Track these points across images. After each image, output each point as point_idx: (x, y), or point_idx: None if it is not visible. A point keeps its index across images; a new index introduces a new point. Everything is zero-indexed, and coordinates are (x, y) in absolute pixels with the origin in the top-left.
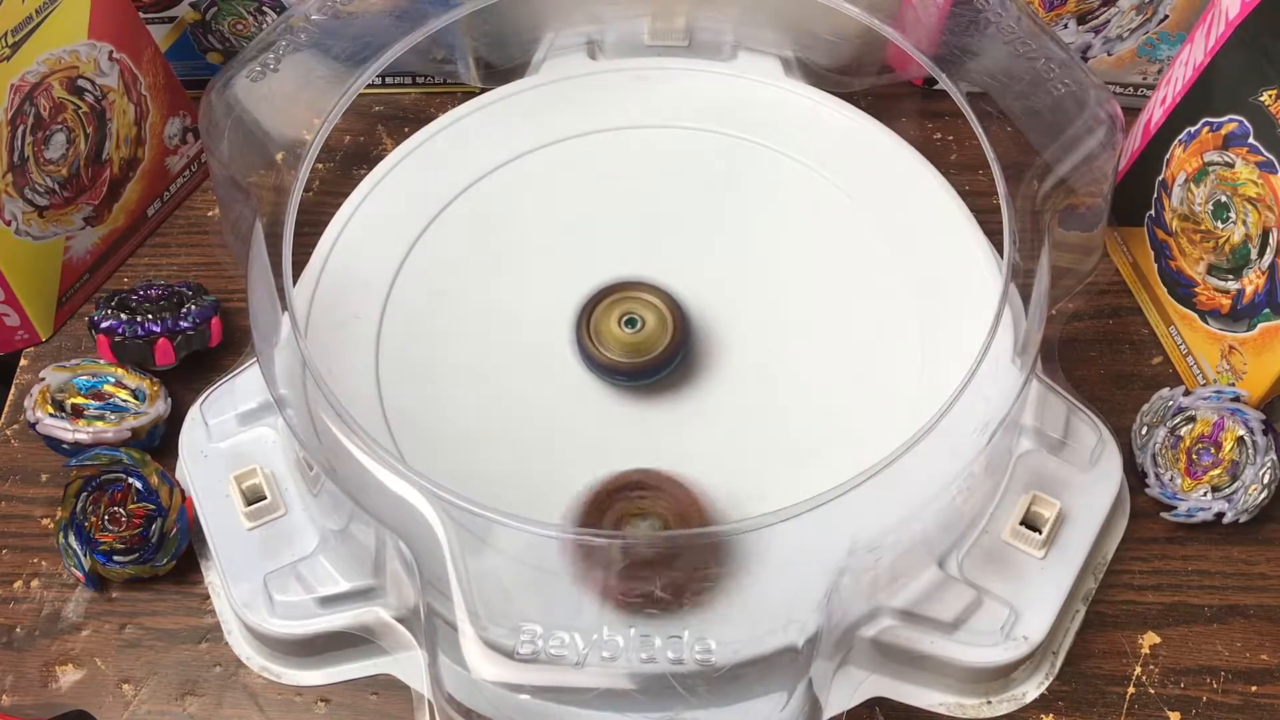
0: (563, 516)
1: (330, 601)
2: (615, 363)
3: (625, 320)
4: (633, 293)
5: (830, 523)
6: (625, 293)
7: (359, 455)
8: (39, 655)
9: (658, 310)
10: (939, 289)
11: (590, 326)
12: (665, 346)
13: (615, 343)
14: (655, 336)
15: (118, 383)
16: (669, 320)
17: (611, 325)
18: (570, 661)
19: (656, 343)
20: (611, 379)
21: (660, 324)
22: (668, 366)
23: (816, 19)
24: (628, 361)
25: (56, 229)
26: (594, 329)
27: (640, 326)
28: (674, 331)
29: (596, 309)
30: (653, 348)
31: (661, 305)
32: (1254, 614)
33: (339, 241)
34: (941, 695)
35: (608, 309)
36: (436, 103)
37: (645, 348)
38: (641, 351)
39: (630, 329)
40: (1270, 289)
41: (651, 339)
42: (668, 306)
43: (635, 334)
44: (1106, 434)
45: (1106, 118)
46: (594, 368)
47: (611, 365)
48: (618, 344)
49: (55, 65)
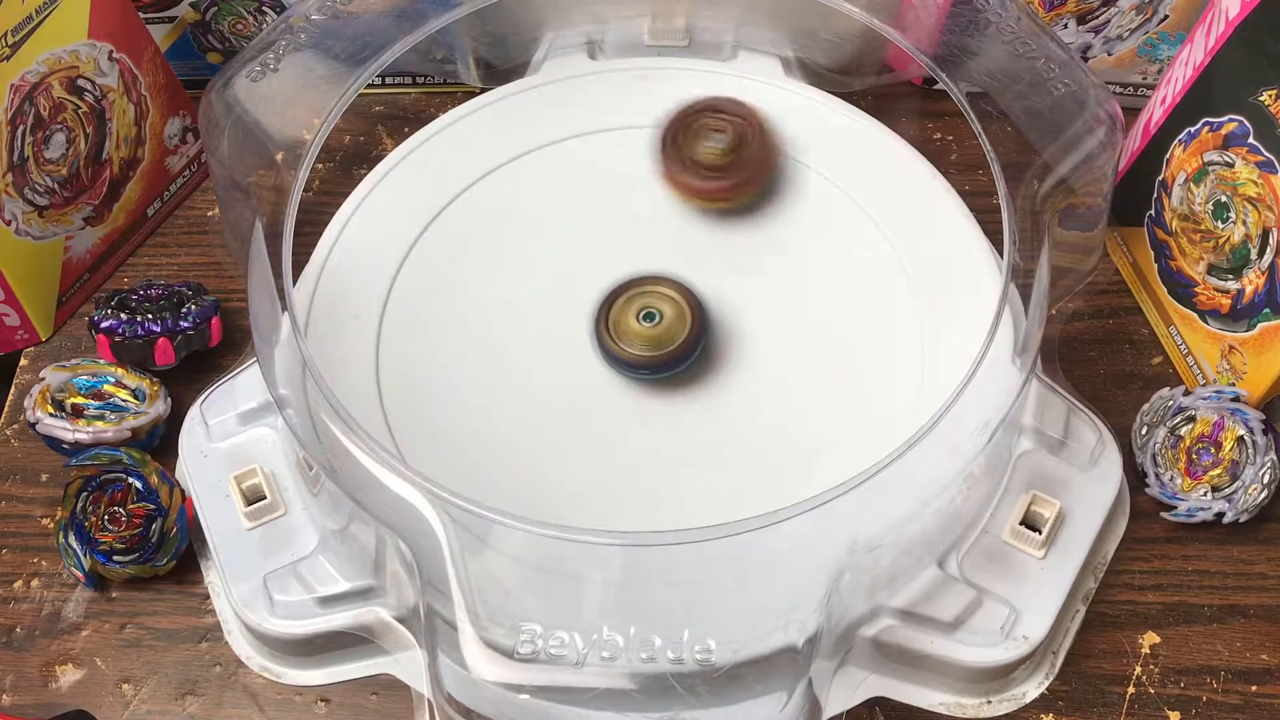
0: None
1: (330, 601)
2: (636, 357)
3: (644, 314)
4: (649, 287)
5: (830, 523)
6: (642, 287)
7: (359, 455)
8: (39, 655)
9: (676, 304)
10: (939, 289)
11: (609, 321)
12: (684, 340)
13: (635, 337)
14: (674, 330)
15: (118, 383)
16: (687, 313)
17: (630, 320)
18: (570, 661)
19: (675, 336)
20: (633, 374)
21: (679, 317)
22: (687, 359)
23: (816, 19)
24: (647, 355)
25: (56, 229)
26: (613, 323)
27: (659, 320)
28: (692, 325)
29: (615, 304)
30: (671, 341)
31: (679, 298)
32: (1254, 614)
33: (339, 241)
34: (941, 695)
35: (626, 304)
36: (436, 103)
37: (664, 341)
38: (661, 345)
39: (649, 323)
40: (1270, 289)
41: (671, 332)
42: (685, 300)
43: (654, 328)
44: (1106, 434)
45: (1106, 118)
46: (615, 363)
47: (632, 360)
48: (637, 338)
49: (55, 65)
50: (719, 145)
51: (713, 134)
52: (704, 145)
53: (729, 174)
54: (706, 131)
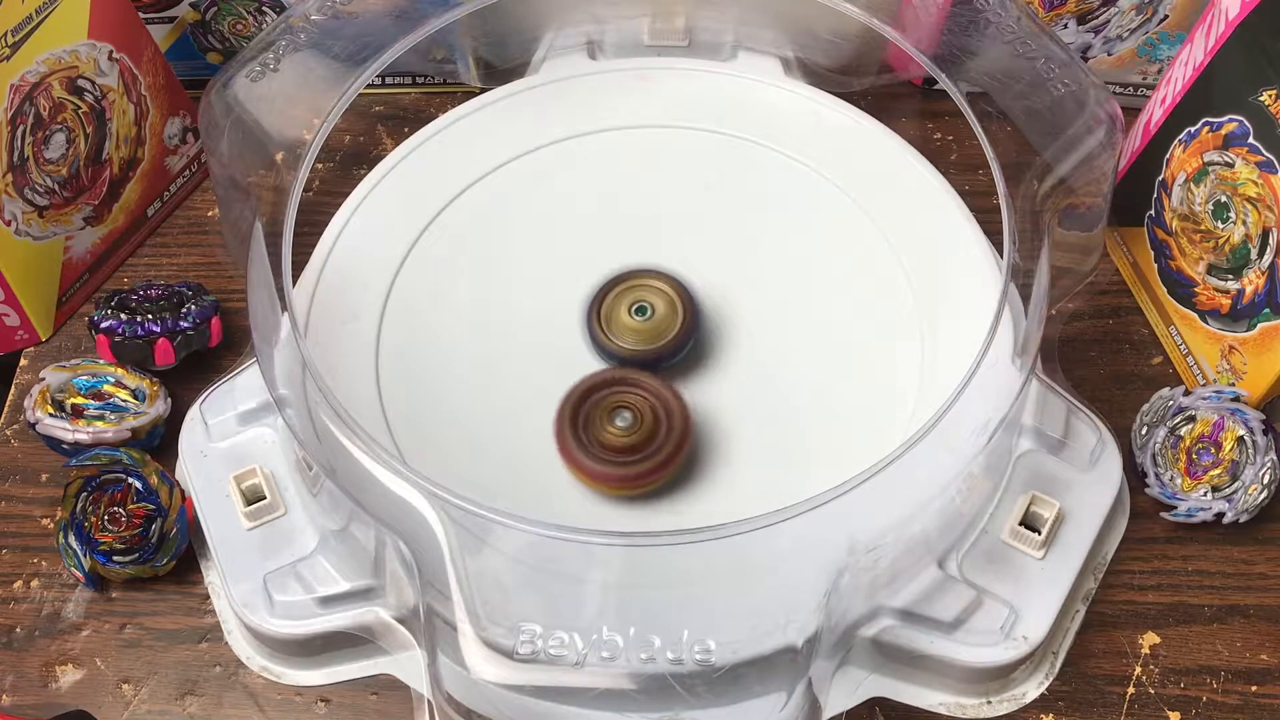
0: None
1: (330, 601)
2: (628, 351)
3: (635, 308)
4: (642, 280)
5: (830, 523)
6: (635, 280)
7: (359, 455)
8: (39, 655)
9: (667, 297)
10: (939, 289)
11: (601, 315)
12: (675, 333)
13: (626, 331)
14: (666, 323)
15: (118, 383)
16: (679, 306)
17: (622, 314)
18: (570, 661)
19: (667, 330)
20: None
21: (670, 310)
22: (679, 353)
23: (816, 19)
24: (640, 349)
25: (56, 229)
26: (605, 318)
27: (650, 314)
28: (684, 317)
29: (607, 298)
30: (663, 334)
31: (671, 292)
32: (1254, 614)
33: (339, 241)
34: (941, 695)
35: (617, 298)
36: (436, 103)
37: (656, 335)
38: (653, 339)
39: (640, 317)
40: (1270, 289)
41: (662, 326)
42: (677, 293)
43: (645, 321)
44: (1106, 434)
45: (1106, 118)
46: (607, 357)
47: (624, 354)
48: (629, 332)
49: (55, 65)
50: (624, 425)
51: (621, 411)
52: (609, 426)
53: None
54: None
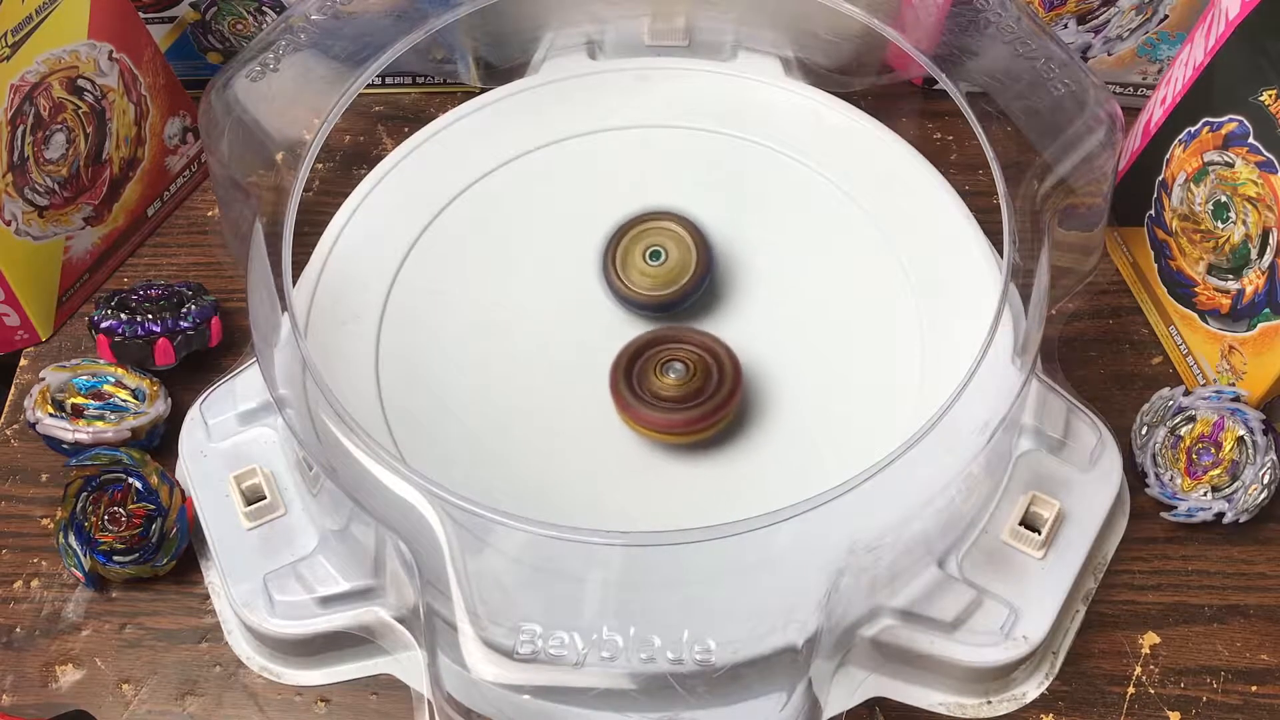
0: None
1: (330, 601)
2: (643, 296)
3: (650, 253)
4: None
5: (830, 523)
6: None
7: (359, 455)
8: (39, 655)
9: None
10: (939, 289)
11: (616, 260)
12: (690, 277)
13: (641, 276)
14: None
15: (118, 383)
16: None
17: (636, 259)
18: (570, 661)
19: (681, 274)
20: (640, 312)
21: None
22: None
23: (816, 19)
24: (655, 295)
25: (56, 229)
26: (620, 262)
27: (664, 259)
28: (697, 262)
29: (622, 241)
30: (678, 279)
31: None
32: (1254, 614)
33: (339, 241)
34: (941, 695)
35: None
36: (436, 103)
37: (670, 279)
38: (667, 283)
39: (654, 261)
40: (1270, 289)
41: (676, 270)
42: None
43: (659, 266)
44: (1106, 434)
45: (1106, 118)
46: (624, 303)
47: (640, 299)
48: (643, 277)
49: (55, 65)
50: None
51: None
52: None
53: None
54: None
